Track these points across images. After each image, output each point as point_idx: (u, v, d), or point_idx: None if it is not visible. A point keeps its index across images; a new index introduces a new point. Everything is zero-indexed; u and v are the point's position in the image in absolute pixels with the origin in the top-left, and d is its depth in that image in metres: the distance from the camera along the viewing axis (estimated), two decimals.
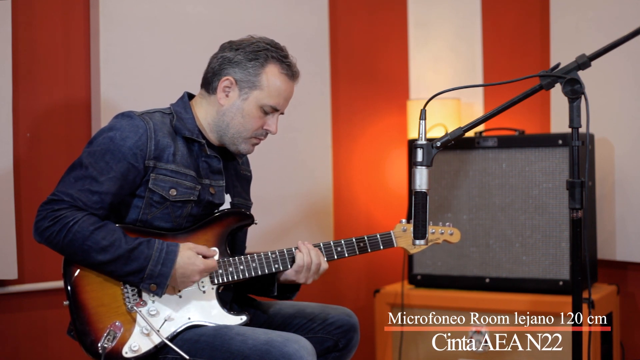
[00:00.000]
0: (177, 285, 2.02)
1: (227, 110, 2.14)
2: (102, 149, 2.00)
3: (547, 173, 3.13)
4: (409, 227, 2.26)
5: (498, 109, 1.92)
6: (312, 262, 2.16)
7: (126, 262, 1.94)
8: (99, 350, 1.93)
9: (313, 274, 2.18)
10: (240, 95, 2.13)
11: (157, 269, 1.96)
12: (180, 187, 2.07)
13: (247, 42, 2.15)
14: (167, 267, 1.97)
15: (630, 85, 3.29)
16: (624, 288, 3.44)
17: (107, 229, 1.95)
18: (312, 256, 2.16)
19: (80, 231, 1.91)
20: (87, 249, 1.92)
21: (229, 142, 2.17)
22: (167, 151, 2.06)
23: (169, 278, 1.97)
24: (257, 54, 2.12)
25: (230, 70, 2.13)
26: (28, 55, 2.68)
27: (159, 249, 1.98)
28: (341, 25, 3.75)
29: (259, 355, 1.92)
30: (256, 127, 2.15)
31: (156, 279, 1.96)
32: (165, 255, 1.97)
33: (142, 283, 1.96)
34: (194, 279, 2.02)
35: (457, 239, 2.35)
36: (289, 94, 2.18)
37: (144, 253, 1.96)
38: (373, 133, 3.90)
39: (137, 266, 1.95)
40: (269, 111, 2.15)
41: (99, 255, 1.93)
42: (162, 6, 2.99)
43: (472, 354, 3.17)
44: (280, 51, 2.16)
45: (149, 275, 1.96)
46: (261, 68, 2.12)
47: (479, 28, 3.89)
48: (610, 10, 3.33)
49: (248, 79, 2.12)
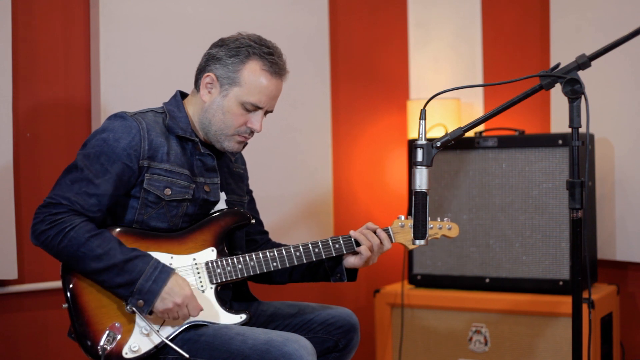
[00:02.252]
0: (158, 303, 1.94)
1: (208, 107, 2.13)
2: (97, 151, 2.00)
3: (547, 173, 3.13)
4: (407, 222, 2.26)
5: (498, 109, 1.92)
6: (374, 244, 2.18)
7: (119, 273, 1.92)
8: (99, 351, 1.93)
9: (376, 254, 2.21)
10: (221, 92, 2.11)
11: (147, 284, 1.93)
12: (174, 186, 2.07)
13: (233, 38, 2.14)
14: (157, 285, 1.94)
15: (630, 85, 3.29)
16: (624, 288, 3.44)
17: (103, 237, 1.94)
18: (371, 239, 2.18)
19: (76, 237, 1.91)
20: (82, 255, 1.92)
21: (214, 140, 2.15)
22: (160, 150, 2.06)
23: (157, 296, 1.94)
24: (239, 50, 2.10)
25: (212, 66, 2.12)
26: (28, 55, 2.69)
27: (153, 266, 1.96)
28: (341, 25, 3.75)
29: (259, 355, 1.92)
30: (238, 125, 2.12)
31: (145, 294, 1.93)
32: (159, 273, 1.95)
33: (131, 297, 1.93)
34: (177, 300, 1.95)
35: (455, 234, 2.34)
36: (271, 91, 2.13)
37: (138, 267, 1.94)
38: (373, 133, 3.90)
39: (128, 278, 1.93)
40: (250, 109, 2.11)
41: (93, 262, 1.92)
42: (162, 6, 2.99)
43: (472, 354, 3.17)
44: (265, 47, 2.12)
45: (138, 290, 1.93)
46: (241, 64, 2.09)
47: (479, 28, 3.89)
48: (610, 10, 3.33)
49: (228, 75, 2.10)
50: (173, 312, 1.96)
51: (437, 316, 3.25)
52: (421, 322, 3.27)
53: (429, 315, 3.26)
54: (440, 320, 3.25)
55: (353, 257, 2.20)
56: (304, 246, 2.17)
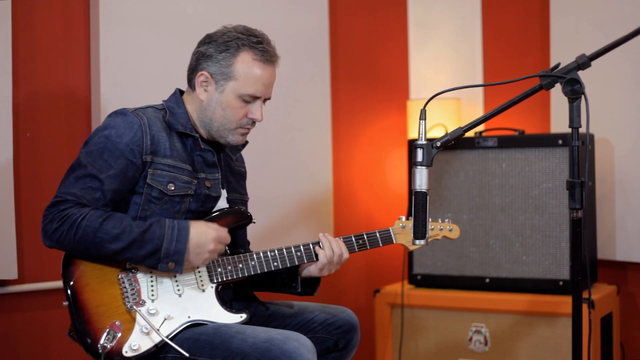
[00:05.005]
0: (193, 260, 2.00)
1: (207, 105, 2.14)
2: (99, 148, 2.01)
3: (547, 173, 3.13)
4: (407, 223, 2.26)
5: (498, 109, 1.92)
6: (335, 254, 2.17)
7: (141, 246, 1.94)
8: (99, 350, 1.93)
9: (336, 264, 2.18)
10: (217, 89, 2.12)
11: (172, 246, 1.96)
12: (177, 181, 2.07)
13: (220, 33, 2.14)
14: (181, 243, 1.97)
15: (630, 85, 3.29)
16: (624, 288, 3.44)
17: (115, 217, 1.95)
18: (334, 248, 2.17)
19: (90, 225, 1.91)
20: (100, 240, 1.92)
21: (217, 136, 2.16)
22: (163, 145, 2.07)
23: (185, 254, 1.97)
24: (228, 44, 2.10)
25: (205, 64, 2.12)
26: (28, 55, 2.69)
27: (170, 227, 1.98)
28: (341, 25, 3.75)
29: (259, 353, 1.92)
30: (239, 117, 2.13)
31: (173, 256, 1.96)
32: (178, 232, 1.97)
33: (160, 264, 1.96)
34: (209, 247, 2.00)
35: (456, 235, 2.35)
36: (267, 79, 2.14)
37: (157, 233, 1.96)
38: (373, 133, 3.90)
39: (151, 247, 1.95)
40: (249, 100, 2.12)
41: (113, 244, 1.93)
42: (162, 6, 3.00)
43: (472, 354, 3.17)
44: (253, 37, 2.12)
45: (165, 254, 1.95)
46: (233, 58, 2.10)
47: (479, 28, 3.89)
48: (610, 10, 3.33)
49: (222, 71, 2.10)
50: (213, 256, 2.04)
51: (437, 316, 3.25)
52: (421, 322, 3.27)
53: (429, 315, 3.26)
54: (440, 320, 3.25)
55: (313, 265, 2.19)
56: (305, 246, 2.17)
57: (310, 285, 2.26)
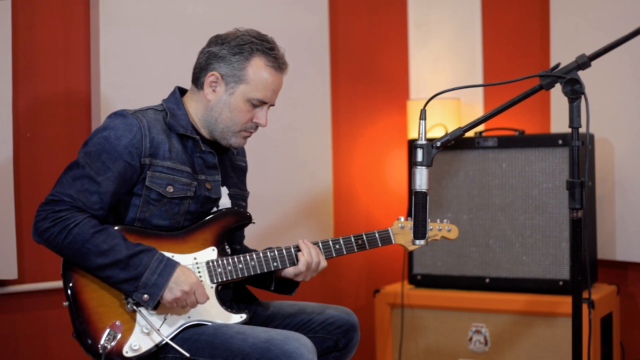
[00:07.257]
0: (166, 295, 1.95)
1: (214, 105, 2.14)
2: (98, 149, 2.00)
3: (547, 173, 3.13)
4: (406, 223, 2.26)
5: (498, 109, 1.92)
6: (313, 261, 2.16)
7: (124, 268, 1.93)
8: (99, 350, 1.93)
9: (312, 272, 2.18)
10: (227, 90, 2.13)
11: (152, 278, 1.94)
12: (176, 183, 2.07)
13: (233, 35, 2.15)
14: (162, 278, 1.94)
15: (631, 85, 3.29)
16: (624, 288, 3.44)
17: (107, 232, 1.95)
18: (313, 255, 2.16)
19: (81, 234, 1.91)
20: (86, 251, 1.92)
21: (220, 137, 2.17)
22: (162, 148, 2.06)
23: (162, 289, 1.94)
24: (242, 47, 2.11)
25: (216, 65, 2.13)
26: (28, 55, 2.69)
27: (158, 259, 1.96)
28: (341, 25, 3.75)
29: (260, 353, 1.92)
30: (245, 121, 2.15)
31: (150, 288, 1.94)
32: (164, 267, 1.96)
33: (136, 292, 1.94)
34: (184, 287, 1.96)
35: (455, 235, 2.35)
36: (276, 86, 2.16)
37: (143, 261, 1.94)
38: (373, 133, 3.90)
39: (133, 273, 1.93)
40: (256, 104, 2.14)
41: (98, 258, 1.92)
42: (162, 6, 3.00)
43: (472, 354, 3.17)
44: (266, 43, 2.14)
45: (143, 284, 1.93)
46: (246, 62, 2.11)
47: (479, 28, 3.89)
48: (610, 10, 3.33)
49: (233, 74, 2.11)
50: (181, 300, 1.97)
51: (437, 316, 3.25)
52: (421, 322, 3.27)
53: (429, 315, 3.26)
54: (440, 320, 3.25)
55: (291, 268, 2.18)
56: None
57: (289, 286, 2.26)
